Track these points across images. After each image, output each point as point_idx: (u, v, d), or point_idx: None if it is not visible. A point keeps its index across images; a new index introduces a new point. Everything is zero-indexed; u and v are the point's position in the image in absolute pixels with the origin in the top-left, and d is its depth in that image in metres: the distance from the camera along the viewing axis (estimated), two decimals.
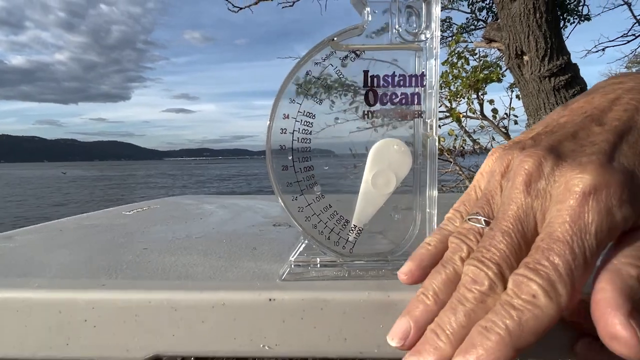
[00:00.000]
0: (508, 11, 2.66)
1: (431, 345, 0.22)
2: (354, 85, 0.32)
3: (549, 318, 0.20)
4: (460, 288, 0.23)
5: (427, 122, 0.33)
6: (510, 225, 0.23)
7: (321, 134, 0.32)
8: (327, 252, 0.33)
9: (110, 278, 0.33)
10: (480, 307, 0.22)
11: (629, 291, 0.20)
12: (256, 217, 0.64)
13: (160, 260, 0.38)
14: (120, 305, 0.30)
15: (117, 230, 0.53)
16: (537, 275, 0.20)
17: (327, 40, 0.32)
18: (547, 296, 0.20)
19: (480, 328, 0.21)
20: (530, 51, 2.62)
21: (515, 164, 0.25)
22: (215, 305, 0.30)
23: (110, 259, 0.38)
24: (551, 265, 0.20)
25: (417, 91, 0.32)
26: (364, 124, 0.32)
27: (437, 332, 0.22)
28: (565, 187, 0.22)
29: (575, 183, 0.22)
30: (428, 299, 0.25)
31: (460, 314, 0.22)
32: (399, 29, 0.32)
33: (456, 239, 0.26)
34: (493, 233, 0.23)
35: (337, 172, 0.33)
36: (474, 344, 0.20)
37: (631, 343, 0.19)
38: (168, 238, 0.48)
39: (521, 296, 0.20)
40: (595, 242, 0.21)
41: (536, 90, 2.68)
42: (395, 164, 0.33)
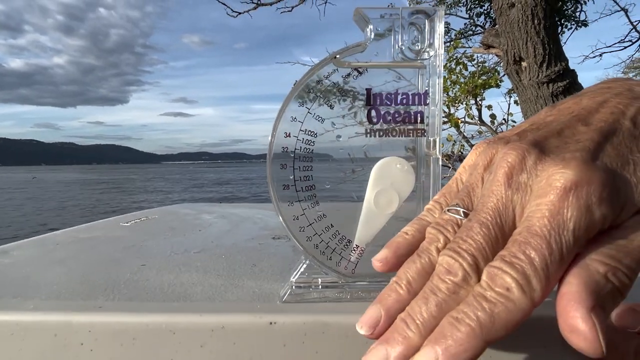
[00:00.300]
0: (506, 17, 2.67)
1: (400, 334, 0.22)
2: (352, 90, 0.32)
3: (522, 312, 0.20)
4: (434, 278, 0.23)
5: (430, 140, 0.32)
6: (489, 217, 0.23)
7: (319, 138, 0.32)
8: (329, 273, 0.33)
9: (107, 299, 0.33)
10: (453, 298, 0.22)
11: (595, 286, 0.20)
12: (255, 228, 0.64)
13: (158, 278, 0.37)
14: (117, 328, 0.29)
15: (114, 244, 0.52)
16: (512, 268, 0.20)
17: (329, 57, 0.31)
18: (521, 290, 0.20)
19: (450, 319, 0.20)
20: (529, 57, 2.63)
21: (499, 157, 0.25)
22: (215, 329, 0.29)
23: (107, 277, 0.38)
24: (527, 259, 0.20)
25: (420, 109, 0.32)
26: (362, 129, 0.32)
27: (407, 321, 0.22)
28: (546, 181, 0.22)
29: (556, 178, 0.22)
30: (401, 288, 0.24)
31: (432, 304, 0.22)
32: (402, 47, 0.31)
33: (433, 230, 0.26)
34: (470, 224, 0.23)
35: (336, 176, 0.33)
36: (444, 334, 0.20)
37: (590, 337, 0.18)
38: (166, 253, 0.47)
39: (494, 288, 0.20)
40: (573, 239, 0.20)
41: (534, 96, 2.69)
42: (397, 183, 0.32)
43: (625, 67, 7.17)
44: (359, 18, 0.31)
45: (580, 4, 5.12)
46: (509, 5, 2.66)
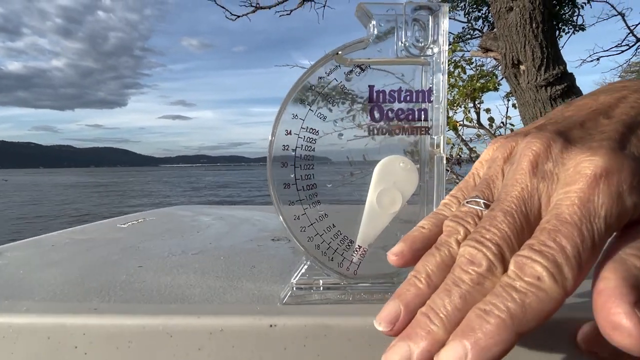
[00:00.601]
0: (504, 21, 2.68)
1: (423, 328, 0.20)
2: (351, 93, 0.31)
3: (554, 302, 0.19)
4: (456, 269, 0.22)
5: (434, 138, 0.31)
6: (514, 205, 0.22)
7: (319, 141, 0.31)
8: (331, 274, 0.32)
9: (102, 301, 0.32)
10: (477, 290, 0.20)
11: (634, 281, 0.19)
12: (254, 230, 0.63)
13: (155, 280, 0.37)
14: (112, 330, 0.29)
15: (111, 245, 0.51)
16: (542, 256, 0.19)
17: (331, 53, 0.30)
18: (553, 278, 0.19)
19: (478, 311, 0.19)
20: (527, 60, 2.63)
21: (522, 146, 0.24)
22: (213, 332, 0.28)
23: (103, 279, 0.37)
24: (558, 247, 0.19)
25: (424, 107, 0.31)
26: (361, 132, 0.31)
27: (430, 315, 0.21)
28: (574, 169, 0.22)
29: (585, 165, 0.21)
30: (420, 282, 0.23)
31: (456, 296, 0.21)
32: (406, 43, 0.31)
33: (452, 222, 0.24)
34: (494, 213, 0.22)
35: (334, 179, 0.32)
36: (472, 327, 0.19)
37: (635, 333, 0.17)
38: (164, 255, 0.46)
39: (524, 278, 0.19)
40: (604, 226, 0.20)
41: (533, 99, 2.69)
42: (401, 182, 0.31)
43: (622, 71, 7.20)
44: (361, 14, 0.31)
45: (578, 9, 5.15)
46: (507, 9, 2.67)
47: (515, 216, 0.22)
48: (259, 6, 5.45)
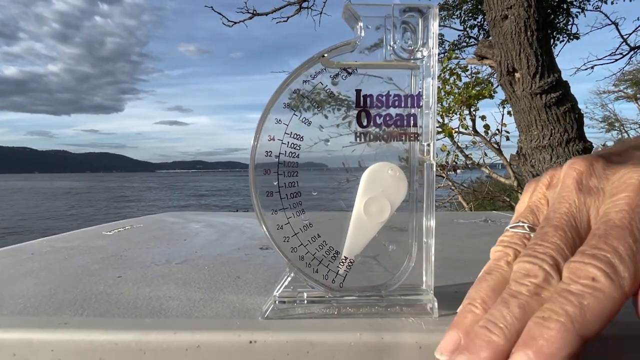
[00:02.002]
0: (500, 29, 2.69)
1: (483, 339, 0.20)
2: (347, 99, 0.30)
3: (613, 301, 0.18)
4: (512, 284, 0.21)
5: (424, 145, 0.30)
6: (563, 221, 0.22)
7: (314, 147, 0.30)
8: (315, 286, 0.30)
9: (74, 314, 0.30)
10: (535, 300, 0.20)
11: None
12: (243, 238, 0.61)
13: (133, 292, 0.35)
14: (83, 346, 0.27)
15: (93, 254, 0.49)
16: (595, 259, 0.19)
17: (317, 56, 0.29)
18: (608, 278, 0.18)
19: (537, 319, 0.19)
20: (522, 68, 2.64)
21: (564, 169, 0.25)
22: (189, 348, 0.26)
23: (78, 290, 0.35)
24: (610, 249, 0.19)
25: (413, 112, 0.30)
26: (361, 142, 0.30)
27: (489, 327, 0.20)
28: (619, 181, 0.22)
29: (630, 176, 0.22)
30: (476, 307, 0.23)
31: (514, 306, 0.20)
32: (394, 46, 0.29)
33: (499, 247, 0.25)
34: (544, 230, 0.22)
35: (329, 186, 0.31)
36: (533, 335, 0.18)
37: None
38: (146, 264, 0.44)
39: (579, 281, 0.19)
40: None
41: (528, 107, 2.69)
42: (389, 190, 0.30)
43: (616, 80, 7.27)
44: (348, 15, 0.30)
45: (572, 17, 5.20)
46: (502, 17, 2.68)
47: (566, 229, 0.22)
48: (256, 13, 5.47)
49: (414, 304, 0.30)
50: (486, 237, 0.65)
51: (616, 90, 7.74)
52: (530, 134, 2.73)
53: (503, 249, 0.24)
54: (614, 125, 8.03)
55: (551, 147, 2.64)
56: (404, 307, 0.30)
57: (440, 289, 0.31)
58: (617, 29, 5.32)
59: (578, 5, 5.15)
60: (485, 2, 2.79)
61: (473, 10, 5.62)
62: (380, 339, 0.26)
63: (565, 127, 2.62)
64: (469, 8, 5.59)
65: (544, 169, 2.68)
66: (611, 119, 8.02)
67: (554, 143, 2.63)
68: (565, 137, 2.61)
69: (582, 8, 5.16)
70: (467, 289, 0.36)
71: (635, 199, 0.20)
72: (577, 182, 0.23)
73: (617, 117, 8.03)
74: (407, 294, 0.30)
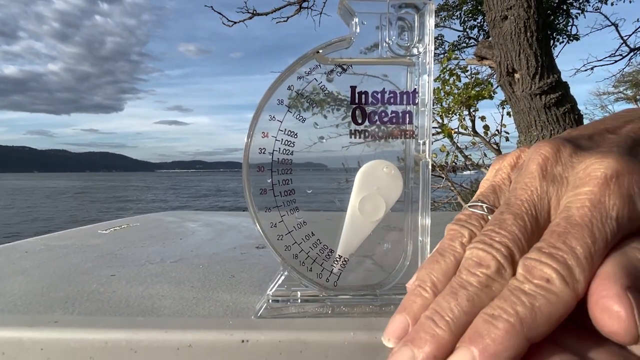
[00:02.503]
0: (499, 29, 2.69)
1: (427, 332, 0.19)
2: (347, 99, 0.29)
3: (565, 305, 0.18)
4: (462, 272, 0.21)
5: (420, 142, 0.30)
6: (524, 208, 0.21)
7: (313, 148, 0.30)
8: (309, 285, 0.30)
9: (65, 313, 0.30)
10: (485, 293, 0.19)
11: (632, 270, 0.18)
12: (239, 237, 0.61)
13: (126, 290, 0.35)
14: (73, 346, 0.27)
15: (87, 252, 0.49)
16: (551, 259, 0.18)
17: (311, 52, 0.29)
18: (563, 281, 0.18)
19: (485, 316, 0.18)
20: (522, 69, 2.64)
21: (530, 152, 0.24)
22: (181, 347, 0.26)
23: (70, 288, 0.35)
24: (568, 249, 0.19)
25: (409, 109, 0.29)
26: (356, 139, 0.30)
27: (435, 319, 0.19)
28: (584, 172, 0.21)
29: (596, 167, 0.21)
30: (426, 291, 0.22)
31: (463, 299, 0.19)
32: (390, 43, 0.29)
33: (455, 225, 0.23)
34: (503, 217, 0.21)
35: (329, 186, 0.30)
36: (480, 332, 0.18)
37: (624, 317, 0.16)
38: (141, 262, 0.44)
39: (533, 281, 0.18)
40: (617, 227, 0.19)
41: (527, 107, 2.69)
42: (384, 188, 0.30)
43: (615, 81, 7.27)
44: (344, 11, 0.29)
45: (572, 18, 5.20)
46: (502, 17, 2.68)
47: (526, 219, 0.21)
48: (256, 12, 5.47)
49: None
50: None
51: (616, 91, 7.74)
52: (530, 135, 2.72)
53: (458, 229, 0.23)
54: None
55: None
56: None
57: None
58: (617, 30, 5.33)
59: (578, 7, 5.16)
60: (485, 3, 2.79)
61: (473, 11, 5.62)
62: (374, 339, 0.26)
63: (565, 128, 2.62)
64: (468, 9, 5.60)
65: None
66: None
67: None
68: None
69: (582, 9, 5.17)
70: None
71: (597, 194, 0.20)
72: (541, 168, 0.22)
73: None
74: (402, 293, 0.30)
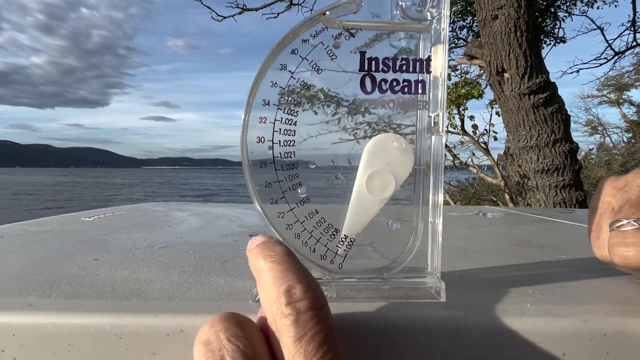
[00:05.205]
0: (490, 29, 2.69)
1: None
2: (337, 96, 0.27)
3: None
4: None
5: (432, 115, 0.28)
6: None
7: (303, 144, 0.27)
8: (313, 268, 0.28)
9: (42, 296, 0.27)
10: None
11: None
12: (231, 226, 0.58)
13: (110, 274, 0.32)
14: (49, 330, 0.24)
15: (68, 237, 0.46)
16: None
17: (317, 14, 0.27)
18: None
19: None
20: (511, 68, 2.65)
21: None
22: (171, 333, 0.24)
23: (49, 272, 0.32)
24: None
25: (422, 78, 0.27)
26: (346, 136, 0.28)
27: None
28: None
29: None
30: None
31: None
32: (402, 5, 0.27)
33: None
34: None
35: (318, 184, 0.28)
36: None
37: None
38: (126, 247, 0.41)
39: None
40: None
41: (516, 107, 2.71)
42: (394, 164, 0.28)
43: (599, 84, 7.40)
44: None
45: (559, 21, 5.27)
46: (492, 17, 2.69)
47: None
48: (246, 8, 5.41)
49: (419, 287, 0.28)
50: (483, 228, 0.63)
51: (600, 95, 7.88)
52: (518, 134, 2.74)
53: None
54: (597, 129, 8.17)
55: (538, 148, 2.66)
56: (408, 291, 0.27)
57: (443, 274, 0.29)
58: (603, 33, 5.41)
59: (565, 10, 5.23)
60: (476, 2, 2.79)
61: (462, 11, 5.66)
62: (383, 324, 0.24)
63: (553, 127, 2.64)
64: (458, 9, 5.62)
65: (530, 169, 2.70)
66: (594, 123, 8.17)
67: (541, 143, 2.64)
68: (553, 138, 2.63)
69: (569, 12, 5.24)
70: (472, 275, 0.34)
71: None
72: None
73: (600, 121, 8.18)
74: (411, 277, 0.28)
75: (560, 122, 2.65)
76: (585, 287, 0.30)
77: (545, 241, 0.51)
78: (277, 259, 0.21)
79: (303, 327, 0.19)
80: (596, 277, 0.33)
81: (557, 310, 0.25)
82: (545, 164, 2.63)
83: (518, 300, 0.27)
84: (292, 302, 0.19)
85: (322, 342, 0.18)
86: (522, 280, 0.32)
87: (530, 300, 0.27)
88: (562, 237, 0.57)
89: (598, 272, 0.33)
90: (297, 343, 0.18)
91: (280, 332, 0.19)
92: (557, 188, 2.63)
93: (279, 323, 0.19)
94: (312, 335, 0.19)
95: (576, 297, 0.28)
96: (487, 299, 0.27)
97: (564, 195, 2.62)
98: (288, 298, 0.19)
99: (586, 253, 0.39)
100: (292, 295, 0.19)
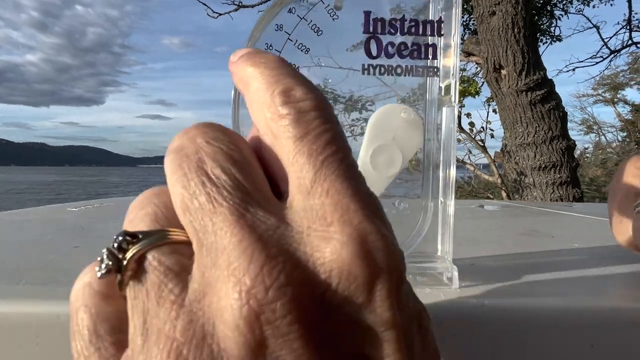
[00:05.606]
0: (487, 25, 2.68)
1: None
2: (333, 92, 0.26)
3: None
4: None
5: (443, 84, 0.25)
6: None
7: None
8: None
9: (10, 283, 0.24)
10: None
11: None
12: None
13: (90, 261, 0.29)
14: (15, 321, 0.21)
15: (50, 225, 0.43)
16: None
17: None
18: None
19: None
20: (508, 65, 2.64)
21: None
22: None
23: (21, 258, 0.29)
24: None
25: (433, 42, 0.25)
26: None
27: None
28: None
29: None
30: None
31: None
32: None
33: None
34: None
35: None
36: None
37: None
38: (112, 236, 0.38)
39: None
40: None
41: (513, 104, 2.69)
42: (401, 138, 0.25)
43: (595, 84, 7.43)
44: None
45: (555, 20, 5.27)
46: (490, 13, 2.68)
47: None
48: (242, 4, 5.37)
49: (430, 272, 0.25)
50: (486, 219, 0.61)
51: (595, 94, 7.90)
52: (515, 131, 2.73)
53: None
54: (592, 128, 8.20)
55: (535, 145, 2.65)
56: (417, 276, 0.25)
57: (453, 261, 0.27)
58: (599, 32, 5.42)
59: (561, 8, 5.23)
60: None
61: None
62: None
63: (550, 124, 2.63)
64: None
65: (527, 166, 2.69)
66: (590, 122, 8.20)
67: (538, 140, 2.63)
68: (550, 135, 2.62)
69: (565, 10, 5.24)
70: (483, 262, 0.31)
71: None
72: None
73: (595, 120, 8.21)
74: (421, 261, 0.25)
75: (558, 119, 2.64)
76: (609, 274, 0.28)
77: (554, 231, 0.49)
78: (269, 64, 0.17)
79: (306, 125, 0.14)
80: (619, 263, 0.30)
81: (583, 299, 0.23)
82: (542, 161, 2.62)
83: (540, 288, 0.25)
84: (291, 102, 0.15)
85: (329, 141, 0.14)
86: (540, 267, 0.29)
87: (552, 288, 0.25)
88: (571, 228, 0.55)
89: (620, 259, 0.31)
90: (298, 142, 0.14)
91: (277, 136, 0.15)
92: (554, 185, 2.62)
93: (274, 127, 0.15)
94: (317, 133, 0.14)
95: (602, 285, 0.26)
96: (507, 286, 0.25)
97: (561, 192, 2.61)
98: (285, 98, 0.15)
99: (600, 241, 0.37)
100: (291, 95, 0.15)
